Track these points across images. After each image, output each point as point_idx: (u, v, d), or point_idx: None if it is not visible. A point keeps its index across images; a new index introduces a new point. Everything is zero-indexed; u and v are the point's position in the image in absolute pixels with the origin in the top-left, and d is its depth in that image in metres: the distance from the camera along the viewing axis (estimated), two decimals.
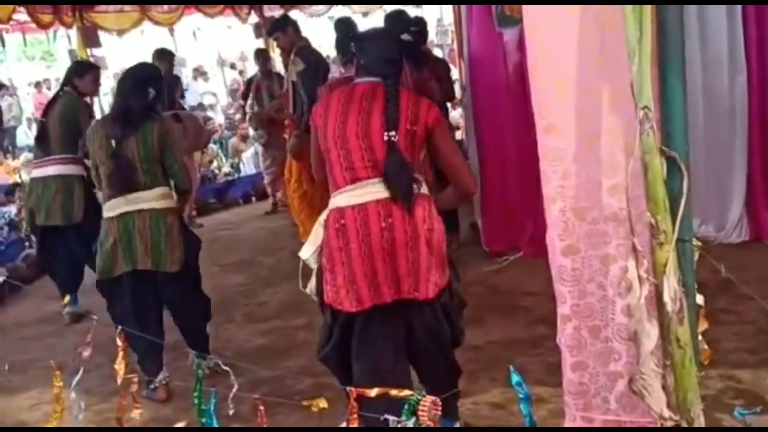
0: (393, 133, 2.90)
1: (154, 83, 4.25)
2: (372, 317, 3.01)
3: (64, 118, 5.48)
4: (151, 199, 4.08)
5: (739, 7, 5.17)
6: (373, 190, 2.93)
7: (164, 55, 8.45)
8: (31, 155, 8.17)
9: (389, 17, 5.98)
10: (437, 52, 12.94)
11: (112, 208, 4.09)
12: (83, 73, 5.73)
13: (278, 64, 8.39)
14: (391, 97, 2.96)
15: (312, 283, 3.18)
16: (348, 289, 2.95)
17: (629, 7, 1.53)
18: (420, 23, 6.53)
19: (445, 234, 3.07)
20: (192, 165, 8.25)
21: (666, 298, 1.59)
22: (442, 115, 3.13)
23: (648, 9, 1.53)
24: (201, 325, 4.45)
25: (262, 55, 8.76)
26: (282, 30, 6.50)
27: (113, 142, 4.01)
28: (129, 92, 4.13)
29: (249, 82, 8.90)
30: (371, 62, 3.09)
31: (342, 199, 2.98)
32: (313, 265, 3.12)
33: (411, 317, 3.06)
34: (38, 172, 5.59)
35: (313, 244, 3.10)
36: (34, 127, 15.47)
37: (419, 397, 2.10)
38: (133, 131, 4.04)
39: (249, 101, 8.82)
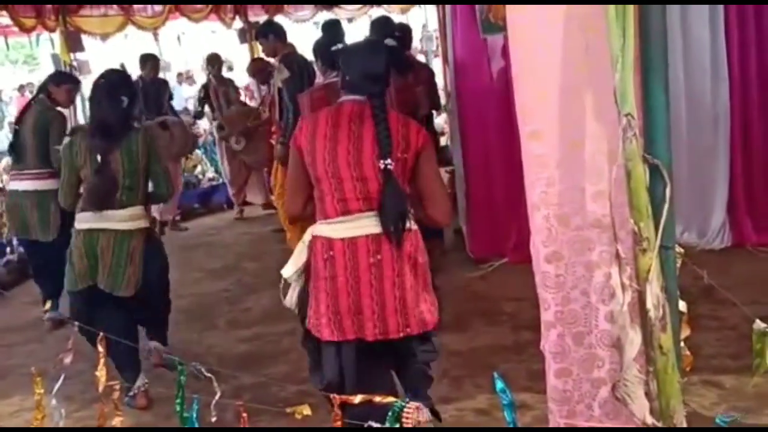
0: (388, 161, 2.84)
1: (125, 90, 4.18)
2: (358, 349, 2.97)
3: (38, 129, 5.42)
4: (121, 219, 4.03)
5: (721, 15, 5.22)
6: (364, 225, 2.89)
7: (149, 60, 8.46)
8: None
9: (375, 24, 6.00)
10: (421, 58, 12.96)
11: (82, 221, 4.05)
12: (60, 82, 5.68)
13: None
14: (380, 121, 2.89)
15: (292, 297, 3.15)
16: (330, 318, 2.92)
17: (612, 14, 1.54)
18: (403, 29, 6.54)
19: (428, 265, 3.03)
20: (177, 171, 8.23)
21: (649, 304, 1.59)
22: (429, 137, 3.08)
23: (631, 16, 1.54)
24: (162, 321, 4.51)
25: (214, 61, 8.69)
26: (264, 36, 6.47)
27: (98, 157, 3.95)
28: (102, 103, 4.06)
29: (205, 88, 8.78)
30: (357, 79, 3.01)
31: (332, 230, 2.93)
32: (294, 283, 3.10)
33: (399, 348, 3.02)
34: (15, 185, 5.55)
35: (295, 263, 3.06)
36: None
37: (403, 404, 2.10)
38: (116, 143, 3.99)
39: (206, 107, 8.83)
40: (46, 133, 5.40)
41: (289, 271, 3.08)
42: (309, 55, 6.13)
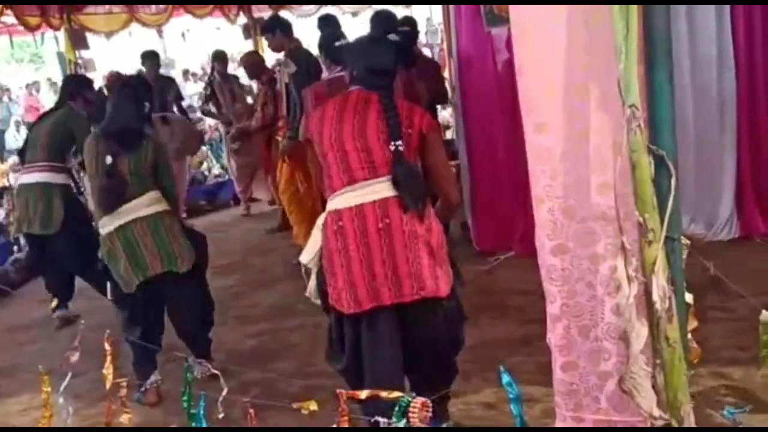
0: (399, 142, 2.90)
1: (146, 97, 4.25)
2: (375, 319, 2.99)
3: (58, 128, 5.44)
4: (144, 205, 4.02)
5: (727, 5, 5.19)
6: (370, 191, 2.93)
7: (150, 57, 8.39)
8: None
9: (376, 17, 5.96)
10: (427, 52, 12.93)
11: (108, 224, 4.03)
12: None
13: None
14: (388, 107, 2.96)
15: (312, 286, 3.17)
16: (347, 290, 2.95)
17: (616, 6, 1.53)
18: (410, 23, 6.52)
19: (443, 234, 3.06)
20: (181, 169, 8.21)
21: (655, 296, 1.58)
22: (435, 122, 3.14)
23: (635, 8, 1.53)
24: (204, 330, 4.41)
25: (220, 58, 8.64)
26: (270, 32, 6.43)
27: (108, 158, 3.95)
28: (127, 110, 4.08)
29: (210, 85, 8.71)
30: (364, 74, 3.09)
31: (339, 201, 2.98)
32: (314, 268, 3.13)
33: (411, 318, 3.04)
34: (24, 179, 5.56)
35: (313, 248, 3.11)
36: (23, 129, 15.43)
37: (409, 399, 2.10)
38: (127, 149, 4.00)
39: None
40: (65, 133, 5.43)
41: (307, 256, 3.13)
42: (314, 50, 6.13)
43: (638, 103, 1.56)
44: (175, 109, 8.63)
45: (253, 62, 7.63)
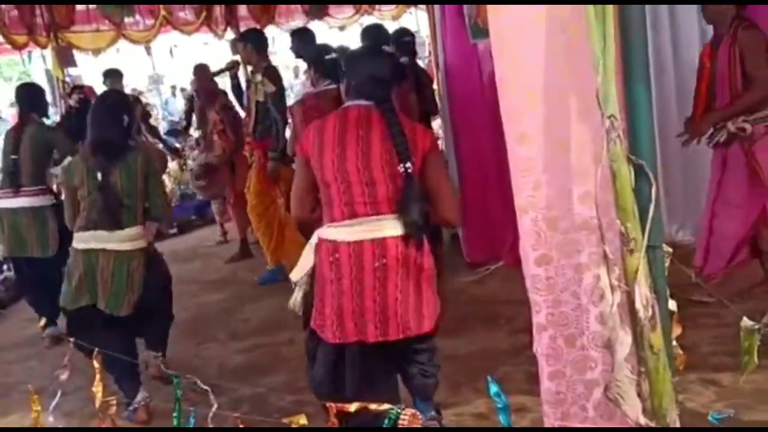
0: (408, 164, 2.87)
1: (125, 109, 4.25)
2: (359, 351, 3.01)
3: (39, 149, 5.43)
4: (120, 240, 4.01)
5: None
6: (370, 228, 2.92)
7: (111, 75, 8.13)
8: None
9: (367, 31, 6.01)
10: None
11: (81, 240, 4.03)
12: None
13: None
14: (393, 124, 2.92)
15: (296, 299, 3.17)
16: (334, 320, 2.96)
17: (592, 17, 1.55)
18: (410, 33, 6.57)
19: (434, 270, 3.07)
20: None
21: (638, 305, 1.60)
22: (436, 141, 3.12)
23: (611, 18, 1.55)
24: (162, 335, 4.47)
25: (199, 72, 8.20)
26: (242, 43, 6.45)
27: (99, 175, 3.96)
28: (104, 122, 4.09)
29: (190, 100, 8.43)
30: (363, 84, 3.04)
31: (337, 232, 2.96)
32: (301, 287, 3.13)
33: (395, 357, 3.09)
34: (10, 203, 5.46)
35: (303, 267, 3.10)
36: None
37: (399, 411, 2.10)
38: (116, 162, 4.00)
39: (192, 121, 8.50)
40: (45, 152, 5.43)
41: (297, 274, 3.13)
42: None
43: (617, 114, 1.58)
44: (143, 127, 8.37)
45: (209, 89, 7.51)
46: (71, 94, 7.12)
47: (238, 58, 7.06)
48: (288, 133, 5.92)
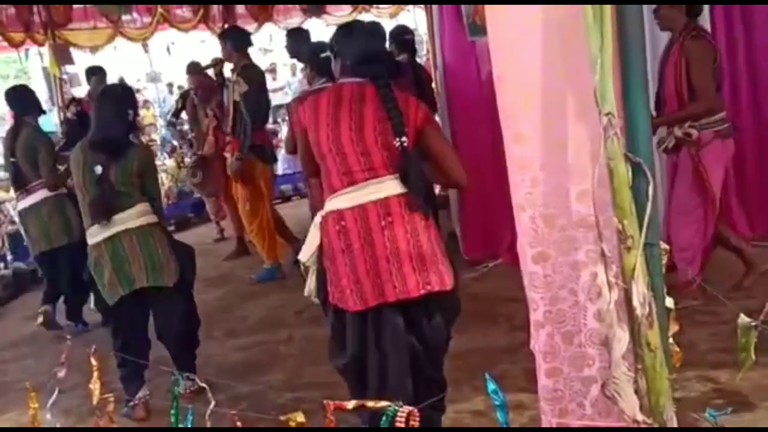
0: (404, 138, 2.88)
1: (131, 104, 4.25)
2: (380, 316, 3.01)
3: (28, 152, 5.47)
4: (134, 217, 4.03)
5: (707, 14, 5.24)
6: (371, 191, 2.94)
7: (95, 73, 8.18)
8: (3, 174, 8.12)
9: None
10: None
11: (97, 233, 4.02)
12: None
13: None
14: (388, 99, 2.91)
15: (311, 285, 3.17)
16: (352, 288, 2.96)
17: (590, 16, 1.55)
18: (409, 31, 6.59)
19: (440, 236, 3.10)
20: None
21: (635, 302, 1.60)
22: (428, 111, 3.10)
23: (608, 16, 1.55)
24: (189, 345, 4.38)
25: (192, 69, 8.17)
26: (222, 40, 6.48)
27: (98, 168, 3.96)
28: (110, 118, 4.07)
29: (183, 98, 8.41)
30: (357, 62, 3.01)
31: (340, 201, 2.97)
32: (312, 267, 3.13)
33: (416, 315, 3.06)
34: (27, 201, 5.54)
35: (311, 246, 3.11)
36: None
37: (396, 408, 2.10)
38: (116, 159, 4.00)
39: (183, 119, 8.55)
40: (32, 155, 5.47)
41: (305, 254, 3.14)
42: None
43: (615, 112, 1.58)
44: None
45: (206, 86, 7.50)
46: (69, 106, 7.14)
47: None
48: (285, 129, 5.96)
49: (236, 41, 6.34)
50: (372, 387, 3.03)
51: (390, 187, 2.95)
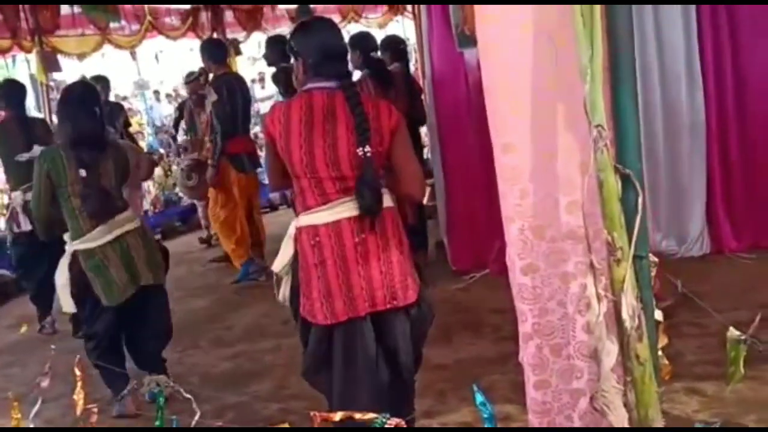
0: (367, 148, 2.85)
1: (96, 101, 4.21)
2: (350, 330, 3.00)
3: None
4: (131, 219, 4.13)
5: (694, 23, 5.27)
6: (345, 209, 2.93)
7: (99, 81, 8.15)
8: None
9: (355, 38, 6.05)
10: None
11: (100, 237, 4.00)
12: None
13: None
14: (355, 105, 2.88)
15: (284, 293, 3.17)
16: (322, 302, 2.96)
17: (580, 26, 1.55)
18: (403, 41, 6.64)
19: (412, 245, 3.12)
20: (135, 195, 8.05)
21: (624, 314, 1.59)
22: (401, 117, 3.08)
23: (599, 28, 1.55)
24: (165, 343, 4.42)
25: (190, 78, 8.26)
26: (201, 53, 6.71)
27: (82, 172, 3.90)
28: (79, 115, 4.00)
29: (180, 109, 8.54)
30: (320, 61, 2.95)
31: (314, 218, 2.96)
32: (285, 277, 3.12)
33: (384, 327, 3.04)
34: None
35: (283, 257, 3.10)
36: None
37: (384, 420, 2.08)
38: (103, 155, 4.00)
39: (183, 129, 8.57)
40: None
41: (278, 265, 3.13)
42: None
43: (604, 123, 1.58)
44: (123, 135, 8.33)
45: (201, 92, 7.50)
46: None
47: None
48: None
49: (211, 53, 6.62)
50: (337, 401, 3.00)
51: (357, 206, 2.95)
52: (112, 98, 9.37)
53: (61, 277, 4.12)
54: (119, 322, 4.17)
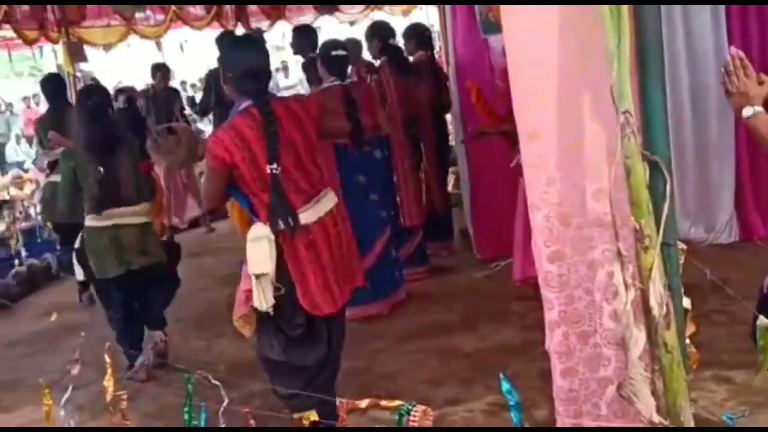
0: (275, 165, 2.96)
1: (108, 101, 4.64)
2: (332, 318, 3.27)
3: None
4: (137, 214, 4.47)
5: (722, 8, 5.19)
6: (323, 204, 3.15)
7: (160, 69, 8.54)
8: (18, 171, 8.20)
9: (373, 27, 6.06)
10: None
11: (104, 219, 4.38)
12: None
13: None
14: (269, 128, 2.96)
15: (267, 298, 3.15)
16: (323, 292, 3.13)
17: (607, 13, 1.53)
18: (427, 28, 6.61)
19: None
20: (190, 175, 8.28)
21: (652, 302, 1.58)
22: (320, 97, 3.27)
23: (626, 15, 1.53)
24: (165, 306, 4.87)
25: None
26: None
27: (101, 168, 4.30)
28: (92, 123, 4.36)
29: (207, 90, 8.71)
30: (239, 78, 3.05)
31: (305, 216, 3.08)
32: (264, 280, 3.13)
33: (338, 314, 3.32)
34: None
35: (270, 258, 3.11)
36: (23, 143, 15.41)
37: (410, 407, 2.09)
38: (117, 152, 4.40)
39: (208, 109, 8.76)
40: None
41: (261, 267, 3.14)
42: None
43: (631, 109, 1.56)
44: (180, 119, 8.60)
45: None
46: (117, 97, 7.35)
47: None
48: None
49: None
50: (321, 383, 3.26)
51: (331, 198, 3.21)
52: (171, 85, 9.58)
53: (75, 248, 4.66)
54: (127, 296, 4.59)
